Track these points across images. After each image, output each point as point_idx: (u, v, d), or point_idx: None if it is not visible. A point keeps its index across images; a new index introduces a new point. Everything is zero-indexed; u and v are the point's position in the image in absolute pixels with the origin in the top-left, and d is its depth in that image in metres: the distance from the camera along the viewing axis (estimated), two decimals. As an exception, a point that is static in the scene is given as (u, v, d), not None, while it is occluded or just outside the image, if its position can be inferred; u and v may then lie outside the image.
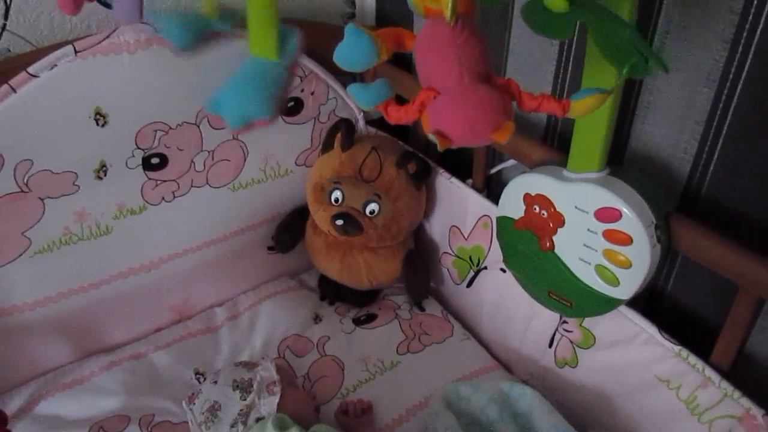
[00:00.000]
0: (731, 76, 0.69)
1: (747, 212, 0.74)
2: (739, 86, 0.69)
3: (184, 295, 1.08)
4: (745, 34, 0.66)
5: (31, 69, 0.81)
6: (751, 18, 0.65)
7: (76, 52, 0.83)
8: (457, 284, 1.10)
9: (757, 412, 0.68)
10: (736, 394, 0.70)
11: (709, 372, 0.73)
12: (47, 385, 0.96)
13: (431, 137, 0.52)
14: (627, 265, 0.75)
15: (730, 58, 0.69)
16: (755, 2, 0.64)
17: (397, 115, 0.55)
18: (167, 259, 1.03)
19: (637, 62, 0.52)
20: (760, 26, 0.65)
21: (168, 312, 1.08)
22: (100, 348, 1.03)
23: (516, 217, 0.87)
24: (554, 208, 0.81)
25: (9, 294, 0.91)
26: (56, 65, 0.82)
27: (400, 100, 0.54)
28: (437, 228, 1.12)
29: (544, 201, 0.82)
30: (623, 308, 0.82)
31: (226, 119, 0.42)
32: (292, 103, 1.05)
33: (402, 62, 1.02)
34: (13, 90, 0.81)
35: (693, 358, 0.75)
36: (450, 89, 0.51)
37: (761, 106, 0.68)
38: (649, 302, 0.88)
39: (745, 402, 0.70)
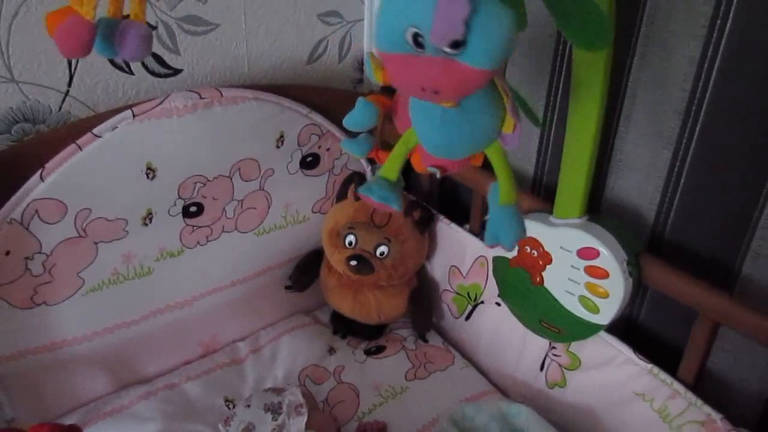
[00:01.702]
0: (684, 140, 0.80)
1: (702, 250, 0.84)
2: (691, 149, 0.80)
3: (212, 331, 1.15)
4: (694, 108, 0.78)
5: (95, 130, 0.89)
6: (698, 94, 0.77)
7: (134, 115, 0.91)
8: (457, 318, 1.17)
9: (716, 416, 0.77)
10: (699, 402, 0.79)
11: (677, 386, 0.81)
12: (89, 414, 1.00)
13: (431, 170, 0.67)
14: (605, 296, 0.84)
15: (683, 126, 0.80)
16: (701, 84, 0.76)
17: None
18: (199, 297, 1.11)
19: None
20: (706, 101, 0.77)
21: (197, 346, 1.14)
22: (135, 380, 1.08)
23: (510, 257, 0.97)
24: (543, 249, 0.90)
25: (62, 329, 0.97)
26: (117, 127, 0.90)
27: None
28: (438, 268, 1.19)
29: (534, 242, 0.91)
30: (604, 334, 0.89)
31: (505, 246, 0.66)
32: (310, 158, 1.15)
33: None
34: (80, 148, 0.89)
35: (663, 375, 0.83)
36: None
37: (710, 166, 0.79)
38: (625, 328, 0.96)
39: (707, 409, 0.78)
